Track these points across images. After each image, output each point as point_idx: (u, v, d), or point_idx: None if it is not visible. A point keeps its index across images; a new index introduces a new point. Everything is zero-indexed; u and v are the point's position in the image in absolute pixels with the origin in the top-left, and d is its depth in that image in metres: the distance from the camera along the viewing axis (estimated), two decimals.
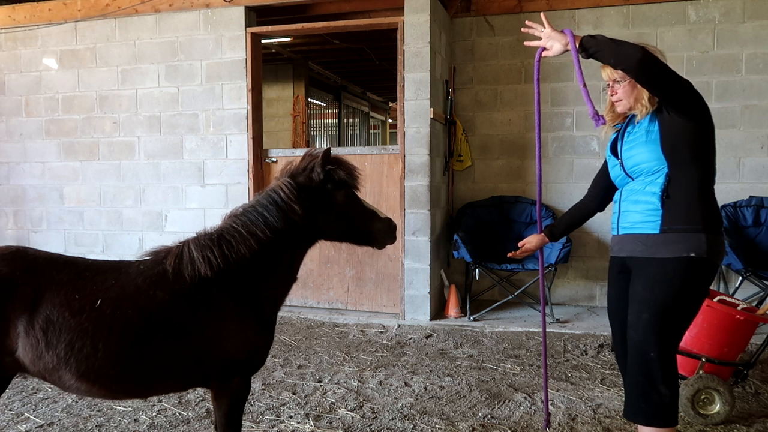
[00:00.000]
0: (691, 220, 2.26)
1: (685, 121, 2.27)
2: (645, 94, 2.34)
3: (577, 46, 2.34)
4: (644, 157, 2.35)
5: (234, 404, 2.29)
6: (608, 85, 2.50)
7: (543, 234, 2.93)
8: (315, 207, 2.30)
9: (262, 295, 2.29)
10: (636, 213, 2.38)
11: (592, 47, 2.29)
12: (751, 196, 5.47)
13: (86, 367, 2.08)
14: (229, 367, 2.24)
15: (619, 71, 2.33)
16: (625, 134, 2.50)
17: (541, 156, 2.98)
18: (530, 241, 2.94)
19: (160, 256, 2.28)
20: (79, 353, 2.06)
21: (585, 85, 2.34)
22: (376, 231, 2.40)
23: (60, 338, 2.05)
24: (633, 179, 2.43)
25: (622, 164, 2.48)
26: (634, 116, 2.47)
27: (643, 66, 2.18)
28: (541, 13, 2.49)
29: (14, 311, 2.06)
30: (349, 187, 2.36)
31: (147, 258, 2.31)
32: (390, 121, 17.61)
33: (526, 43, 2.48)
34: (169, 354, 2.16)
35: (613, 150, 2.57)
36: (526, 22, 2.47)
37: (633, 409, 2.38)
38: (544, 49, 2.47)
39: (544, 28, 2.45)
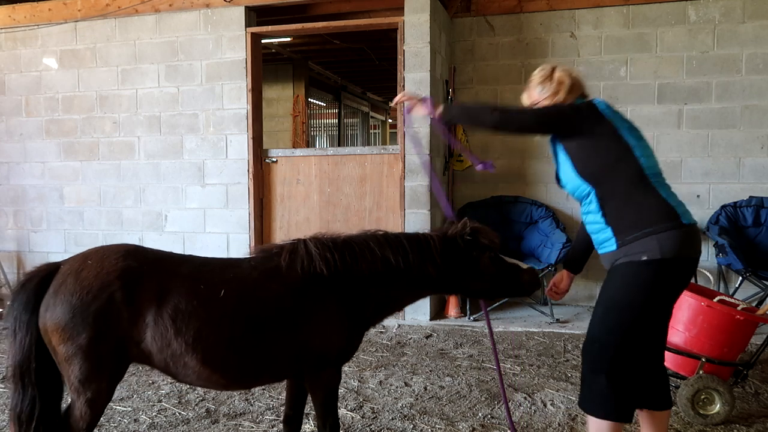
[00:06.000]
0: (636, 227, 2.27)
1: (578, 140, 2.36)
2: None
3: (437, 115, 2.51)
4: (571, 185, 2.44)
5: (328, 393, 2.44)
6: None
7: (566, 272, 2.85)
8: (457, 268, 2.48)
9: (366, 305, 2.46)
10: (595, 235, 2.45)
11: (448, 118, 2.50)
12: (751, 196, 5.47)
13: (212, 354, 2.20)
14: (324, 359, 2.38)
15: (535, 95, 2.52)
16: (556, 156, 2.55)
17: (539, 156, 2.97)
18: (565, 282, 2.84)
19: (273, 252, 2.42)
20: (206, 340, 2.18)
21: (451, 137, 2.60)
22: (523, 283, 2.58)
23: (189, 326, 2.16)
24: (579, 202, 2.51)
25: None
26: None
27: (499, 129, 2.46)
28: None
29: (144, 302, 2.16)
30: (491, 250, 2.52)
31: (258, 255, 2.46)
32: (390, 121, 17.61)
33: (393, 103, 2.68)
34: (280, 344, 2.29)
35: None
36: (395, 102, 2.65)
37: (581, 396, 2.46)
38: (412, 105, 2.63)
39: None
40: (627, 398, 2.35)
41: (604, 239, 2.37)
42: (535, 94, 2.53)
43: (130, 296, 2.16)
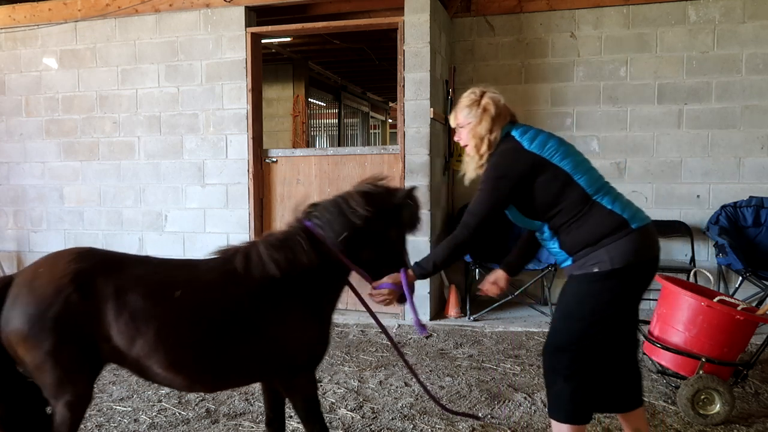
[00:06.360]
0: (588, 244, 2.34)
1: (519, 191, 2.41)
2: (474, 142, 2.50)
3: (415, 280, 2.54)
4: (521, 223, 2.52)
5: (307, 399, 2.41)
6: (454, 129, 2.64)
7: (503, 273, 2.88)
8: (372, 235, 2.41)
9: (321, 298, 2.42)
10: (554, 255, 2.51)
11: (427, 274, 2.52)
12: (751, 196, 5.47)
13: (173, 357, 2.18)
14: (292, 363, 2.34)
15: (460, 118, 2.52)
16: None
17: None
18: (503, 282, 2.87)
19: (229, 254, 2.37)
20: (166, 341, 2.16)
21: (414, 312, 2.63)
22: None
23: (149, 326, 2.15)
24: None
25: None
26: None
27: (472, 245, 2.48)
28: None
29: (101, 301, 2.15)
30: (405, 230, 2.50)
31: (215, 257, 2.41)
32: (390, 121, 17.60)
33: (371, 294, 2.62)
34: (239, 348, 2.25)
35: None
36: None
37: (547, 399, 2.51)
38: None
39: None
40: (584, 402, 2.40)
41: (562, 259, 2.46)
42: (461, 117, 2.53)
43: (86, 296, 2.14)
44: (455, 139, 2.63)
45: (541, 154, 2.37)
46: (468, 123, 2.50)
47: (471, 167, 2.57)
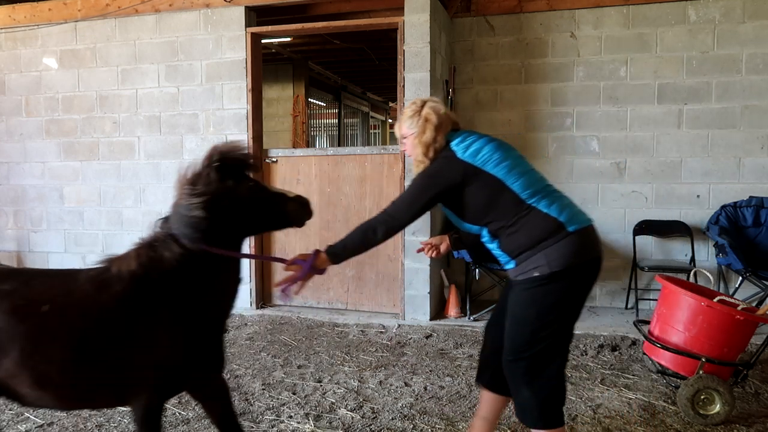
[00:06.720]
0: (527, 248, 2.37)
1: (452, 197, 2.45)
2: (419, 151, 2.52)
3: (327, 266, 2.56)
4: (463, 228, 2.56)
5: (148, 408, 2.20)
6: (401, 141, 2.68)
7: (448, 241, 2.85)
8: (224, 207, 2.20)
9: (202, 300, 2.22)
10: (494, 254, 2.54)
11: (337, 261, 2.55)
12: (751, 196, 5.47)
13: (39, 374, 2.06)
14: (156, 378, 2.16)
15: (404, 129, 2.58)
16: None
17: (539, 157, 2.96)
18: (444, 248, 2.85)
19: (112, 260, 2.21)
20: (30, 359, 2.05)
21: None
22: (288, 212, 2.40)
23: (13, 345, 2.04)
24: None
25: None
26: None
27: (387, 238, 2.52)
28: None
29: None
30: (245, 178, 2.29)
31: (99, 264, 2.25)
32: (390, 121, 17.61)
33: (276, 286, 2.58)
34: (109, 362, 2.10)
35: None
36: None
37: (515, 410, 2.53)
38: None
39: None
40: (552, 404, 2.42)
41: (505, 261, 2.49)
42: (405, 128, 2.59)
43: None
44: (401, 149, 2.69)
45: (473, 162, 2.41)
46: (411, 133, 2.55)
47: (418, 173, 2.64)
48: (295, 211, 2.40)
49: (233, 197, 2.22)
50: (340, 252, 2.52)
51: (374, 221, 2.50)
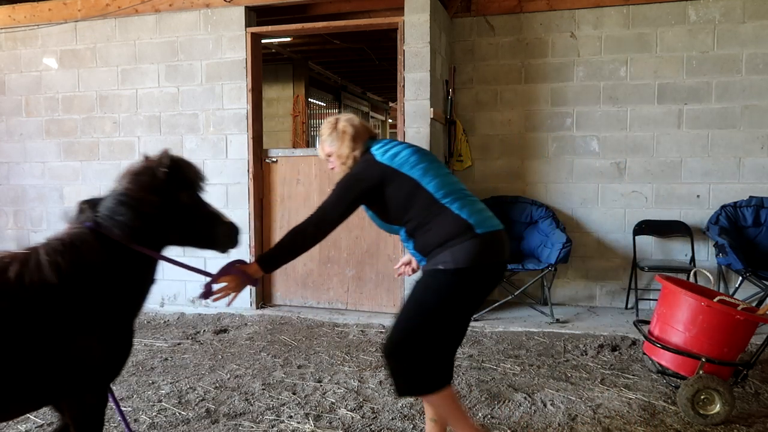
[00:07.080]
0: (437, 246, 2.52)
1: (373, 198, 2.63)
2: (341, 161, 2.74)
3: (260, 275, 2.63)
4: (384, 228, 2.75)
5: (89, 419, 2.14)
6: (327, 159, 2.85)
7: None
8: (161, 207, 2.19)
9: (118, 299, 2.15)
10: (410, 253, 2.73)
11: (270, 268, 2.64)
12: (751, 196, 5.48)
13: None
14: (82, 379, 2.08)
15: (326, 147, 2.77)
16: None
17: (539, 156, 2.98)
18: (415, 265, 3.01)
19: (4, 262, 2.04)
20: None
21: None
22: (218, 234, 2.38)
23: None
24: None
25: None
26: None
27: (319, 240, 2.62)
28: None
29: None
30: (193, 188, 2.31)
31: None
32: (390, 121, 17.61)
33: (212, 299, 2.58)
34: (16, 367, 1.97)
35: None
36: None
37: (396, 384, 2.65)
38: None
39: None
40: (430, 370, 2.57)
41: (418, 259, 2.68)
42: (327, 146, 2.78)
43: None
44: (329, 168, 2.84)
45: (390, 164, 2.58)
46: (332, 149, 2.75)
47: None
48: (223, 235, 2.39)
49: (173, 200, 2.23)
50: (270, 260, 2.63)
51: (303, 225, 2.61)
